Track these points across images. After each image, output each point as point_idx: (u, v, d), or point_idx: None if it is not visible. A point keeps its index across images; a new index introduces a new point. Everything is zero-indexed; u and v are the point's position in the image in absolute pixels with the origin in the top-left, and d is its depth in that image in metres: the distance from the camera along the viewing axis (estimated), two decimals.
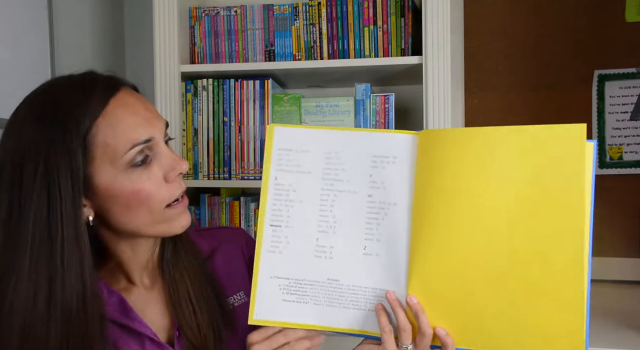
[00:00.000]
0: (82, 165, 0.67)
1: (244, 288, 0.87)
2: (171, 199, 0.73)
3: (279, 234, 0.77)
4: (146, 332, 0.75)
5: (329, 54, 1.50)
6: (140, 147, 0.70)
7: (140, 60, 1.87)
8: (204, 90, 1.53)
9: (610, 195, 1.63)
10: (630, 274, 1.61)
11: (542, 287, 0.67)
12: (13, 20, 1.34)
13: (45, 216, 0.66)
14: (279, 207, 0.78)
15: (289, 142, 0.78)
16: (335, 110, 1.51)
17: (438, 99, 1.37)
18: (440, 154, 0.71)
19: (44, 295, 0.66)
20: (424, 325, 0.71)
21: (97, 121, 0.68)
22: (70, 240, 0.67)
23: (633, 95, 1.62)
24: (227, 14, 1.55)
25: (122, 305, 0.76)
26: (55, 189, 0.66)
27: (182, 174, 0.74)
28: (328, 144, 0.77)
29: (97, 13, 1.77)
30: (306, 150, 0.77)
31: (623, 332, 1.14)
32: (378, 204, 0.75)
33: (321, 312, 0.76)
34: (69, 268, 0.67)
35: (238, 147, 1.52)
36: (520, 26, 1.69)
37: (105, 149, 0.69)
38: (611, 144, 1.64)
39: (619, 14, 1.62)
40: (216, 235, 0.91)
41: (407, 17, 1.45)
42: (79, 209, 0.68)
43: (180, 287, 0.80)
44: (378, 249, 0.75)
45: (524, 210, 0.67)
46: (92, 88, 0.70)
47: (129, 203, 0.70)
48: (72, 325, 0.67)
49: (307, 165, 0.77)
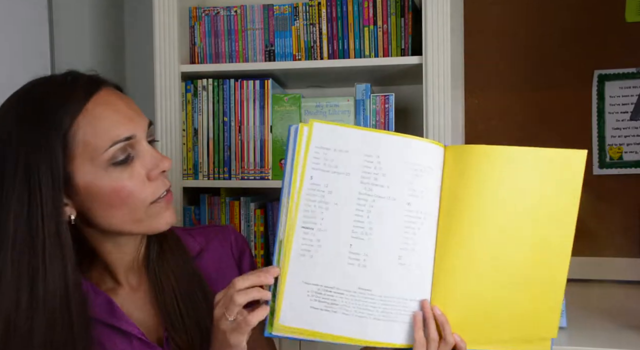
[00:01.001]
0: (63, 164, 0.67)
1: None
2: (154, 197, 0.73)
3: (311, 237, 0.73)
4: (133, 332, 0.75)
5: (329, 54, 1.50)
6: (121, 145, 0.70)
7: (140, 60, 1.87)
8: (204, 90, 1.53)
9: (610, 195, 1.63)
10: (630, 274, 1.61)
11: (537, 289, 0.75)
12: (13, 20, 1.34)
13: (26, 215, 0.67)
14: (313, 208, 0.73)
15: (327, 140, 0.73)
16: (335, 110, 1.51)
17: (438, 99, 1.37)
18: (466, 168, 0.75)
19: (27, 294, 0.67)
20: (449, 335, 0.73)
21: (77, 119, 0.68)
22: (51, 238, 0.67)
23: (633, 95, 1.62)
24: (227, 14, 1.55)
25: (109, 305, 0.76)
26: (35, 187, 0.66)
27: (164, 172, 0.74)
28: (367, 146, 0.74)
29: (97, 13, 1.77)
30: (345, 150, 0.73)
31: (623, 332, 1.14)
32: (415, 213, 0.74)
33: (350, 323, 0.73)
34: (50, 266, 0.67)
35: (238, 147, 1.52)
36: (520, 26, 1.68)
37: (85, 147, 0.68)
38: (611, 144, 1.64)
39: (619, 14, 1.62)
40: (205, 234, 0.90)
41: (407, 17, 1.45)
42: (60, 207, 0.68)
43: (166, 288, 0.80)
44: (412, 259, 0.74)
45: (532, 219, 0.75)
46: (73, 87, 0.70)
47: (111, 201, 0.70)
48: (55, 324, 0.67)
49: (345, 167, 0.73)
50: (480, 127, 1.72)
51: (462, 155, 0.76)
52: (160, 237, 0.81)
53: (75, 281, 0.70)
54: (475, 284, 0.74)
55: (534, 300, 0.74)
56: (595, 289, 1.55)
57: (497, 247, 0.75)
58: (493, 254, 0.75)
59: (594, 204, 1.63)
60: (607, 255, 1.63)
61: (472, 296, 0.75)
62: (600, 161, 1.64)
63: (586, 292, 1.48)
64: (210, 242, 0.89)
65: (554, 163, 0.75)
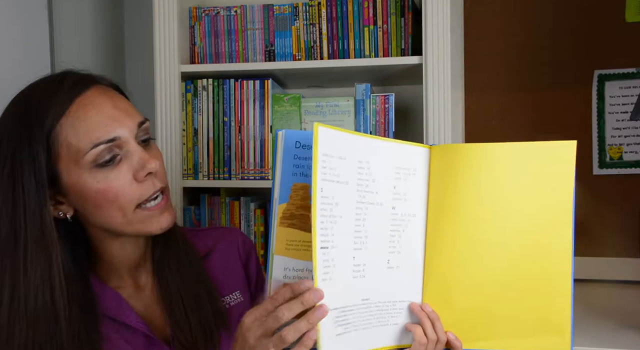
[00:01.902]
0: (46, 165, 0.68)
1: (240, 288, 0.88)
2: (142, 198, 0.72)
3: (327, 257, 0.65)
4: (141, 328, 0.75)
5: (329, 54, 1.50)
6: (104, 147, 0.69)
7: (140, 60, 1.87)
8: (204, 90, 1.53)
9: (610, 195, 1.63)
10: (630, 274, 1.61)
11: (542, 281, 0.74)
12: (13, 20, 1.34)
13: (10, 213, 0.67)
14: (326, 225, 0.65)
15: (330, 146, 0.65)
16: (335, 110, 1.51)
17: (438, 99, 1.37)
18: (452, 167, 0.75)
19: (8, 291, 0.67)
20: (441, 332, 0.73)
21: (61, 121, 0.69)
22: (33, 236, 0.68)
23: (633, 95, 1.62)
24: (227, 14, 1.55)
25: (117, 301, 0.76)
26: (19, 186, 0.67)
27: (151, 173, 0.73)
28: (359, 151, 0.70)
29: (97, 13, 1.77)
30: (343, 156, 0.67)
31: (623, 332, 1.14)
32: (400, 216, 0.74)
33: (360, 338, 0.69)
34: (32, 265, 0.68)
35: (238, 147, 1.52)
36: (520, 26, 1.68)
37: (68, 148, 0.69)
38: (611, 144, 1.64)
39: (619, 14, 1.62)
40: (212, 235, 0.91)
41: (407, 17, 1.45)
42: (44, 207, 0.68)
43: (171, 288, 0.80)
44: (399, 261, 0.73)
45: (526, 214, 0.74)
46: (59, 88, 0.70)
47: (98, 202, 0.71)
48: (38, 324, 0.67)
49: (344, 175, 0.67)
50: (480, 127, 1.72)
51: (447, 154, 0.76)
52: (167, 237, 0.81)
53: (64, 279, 0.69)
54: (468, 283, 0.74)
55: (535, 299, 0.73)
56: (595, 289, 1.55)
57: (488, 245, 0.74)
58: (484, 252, 0.74)
59: (594, 204, 1.63)
60: (607, 255, 1.63)
61: (466, 294, 0.74)
62: (600, 161, 1.64)
63: (586, 292, 1.48)
64: (217, 243, 0.89)
65: (543, 156, 0.73)
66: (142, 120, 0.75)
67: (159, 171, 0.75)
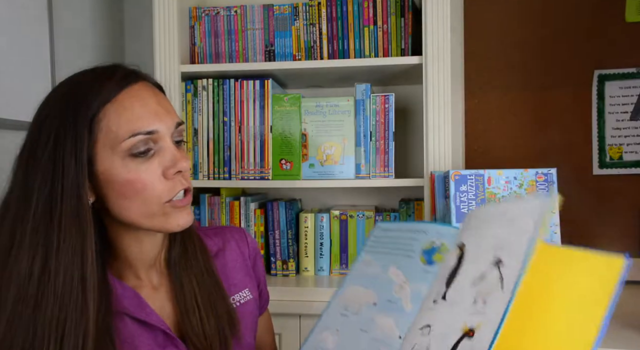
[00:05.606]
0: (87, 147, 0.70)
1: (249, 285, 0.88)
2: (169, 196, 0.73)
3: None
4: (160, 325, 0.76)
5: (329, 54, 1.50)
6: (141, 137, 0.71)
7: (140, 60, 1.87)
8: (204, 90, 1.53)
9: (610, 195, 1.63)
10: (631, 274, 1.60)
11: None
12: (13, 20, 1.34)
13: (49, 190, 0.68)
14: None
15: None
16: (335, 110, 1.51)
17: (438, 99, 1.37)
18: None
19: (39, 267, 0.67)
20: None
21: (106, 107, 0.71)
22: (68, 215, 0.68)
23: (633, 95, 1.62)
24: (227, 14, 1.55)
25: (136, 299, 0.77)
26: (59, 164, 0.69)
27: (180, 172, 0.74)
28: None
29: (97, 13, 1.77)
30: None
31: (623, 332, 1.14)
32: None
33: None
34: (66, 241, 0.68)
35: (238, 147, 1.52)
36: (520, 26, 1.69)
37: (107, 134, 0.71)
38: (611, 144, 1.64)
39: (619, 14, 1.62)
40: (221, 234, 0.92)
41: (407, 17, 1.46)
42: (82, 187, 0.69)
43: (186, 289, 0.81)
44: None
45: (553, 322, 0.70)
46: (110, 77, 0.73)
47: (124, 191, 0.71)
48: (64, 300, 0.67)
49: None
50: (480, 127, 1.72)
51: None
52: (184, 237, 0.82)
53: (93, 263, 0.70)
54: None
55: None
56: None
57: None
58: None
59: (594, 204, 1.63)
60: None
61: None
62: (600, 161, 1.64)
63: None
64: (226, 243, 0.90)
65: (592, 266, 0.68)
66: (180, 121, 0.78)
67: (187, 172, 0.76)
